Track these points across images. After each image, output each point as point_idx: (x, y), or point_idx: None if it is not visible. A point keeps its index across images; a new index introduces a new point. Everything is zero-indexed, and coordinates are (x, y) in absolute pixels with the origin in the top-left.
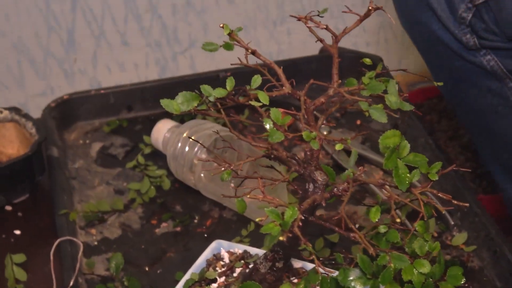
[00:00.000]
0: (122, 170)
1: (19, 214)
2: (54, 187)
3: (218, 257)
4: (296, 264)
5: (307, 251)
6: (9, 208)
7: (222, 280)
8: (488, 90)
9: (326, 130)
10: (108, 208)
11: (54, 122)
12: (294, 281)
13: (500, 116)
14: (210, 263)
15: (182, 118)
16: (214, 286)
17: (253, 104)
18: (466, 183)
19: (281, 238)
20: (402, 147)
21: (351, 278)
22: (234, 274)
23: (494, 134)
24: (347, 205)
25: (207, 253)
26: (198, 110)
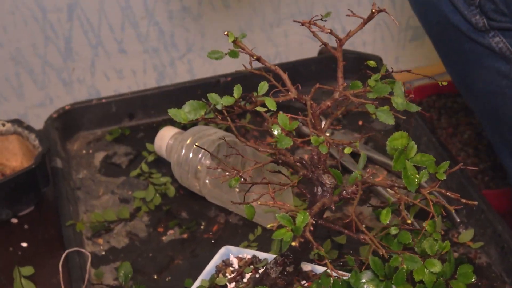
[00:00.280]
0: (126, 179)
1: (25, 226)
2: (59, 198)
3: (227, 263)
4: (305, 267)
5: (317, 254)
6: (15, 221)
7: (232, 286)
8: (497, 72)
9: (328, 132)
10: (114, 217)
11: (56, 133)
12: (305, 284)
13: (508, 98)
14: (219, 269)
15: (185, 124)
16: None
17: (259, 110)
18: (471, 181)
19: (293, 243)
20: (409, 148)
21: (363, 280)
22: (244, 280)
23: (502, 116)
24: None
25: (216, 259)
26: (205, 118)
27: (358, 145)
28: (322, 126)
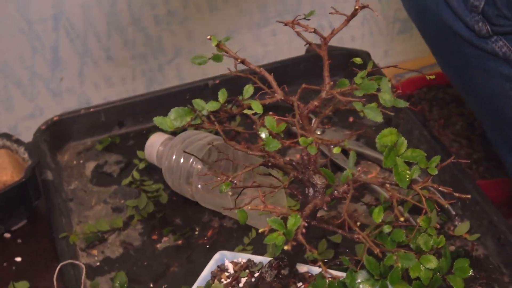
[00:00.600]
0: (118, 188)
1: (19, 241)
2: (51, 211)
3: (222, 268)
4: (301, 268)
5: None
6: (8, 235)
7: None
8: (499, 75)
9: (319, 130)
10: (107, 227)
11: (46, 145)
12: (301, 286)
13: (511, 99)
14: (215, 275)
15: (175, 130)
16: None
17: (247, 113)
18: (465, 172)
19: (286, 247)
20: (399, 144)
21: (359, 280)
22: (240, 285)
23: (504, 116)
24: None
25: (211, 265)
26: (192, 124)
27: (347, 143)
28: (312, 125)
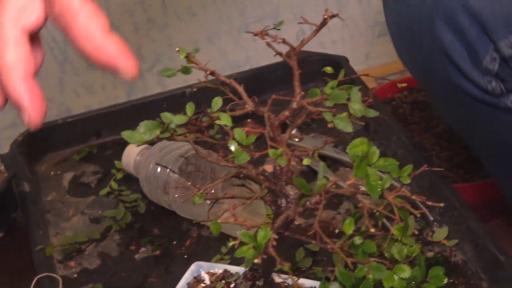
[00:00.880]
0: (96, 198)
1: None
2: (28, 223)
3: (198, 279)
4: (277, 278)
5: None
6: None
7: None
8: (510, 125)
9: (298, 137)
10: (85, 238)
11: (23, 156)
12: None
13: None
14: (191, 287)
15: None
16: None
17: (219, 123)
18: (443, 178)
19: (256, 261)
20: (371, 154)
21: None
22: None
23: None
24: (325, 211)
25: (187, 276)
26: (161, 138)
27: (316, 156)
28: (285, 136)
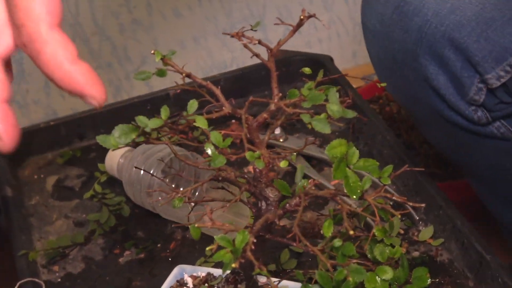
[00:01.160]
0: (80, 202)
1: None
2: (11, 228)
3: (181, 282)
4: (261, 280)
5: (274, 265)
6: None
7: None
8: (496, 151)
9: (282, 138)
10: (68, 242)
11: (5, 160)
12: None
13: (508, 170)
14: None
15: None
16: None
17: (198, 126)
18: (427, 176)
19: (233, 265)
20: (350, 155)
21: None
22: None
23: (500, 182)
24: (310, 212)
25: (170, 280)
26: (137, 142)
27: (294, 158)
28: (264, 138)
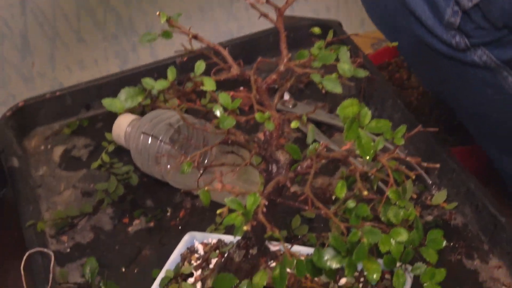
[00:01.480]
0: (87, 171)
1: None
2: (18, 199)
3: (192, 250)
4: (273, 246)
5: (285, 231)
6: None
7: (198, 273)
8: (481, 82)
9: (291, 104)
10: (77, 212)
11: (12, 132)
12: (273, 265)
13: (494, 103)
14: (184, 257)
15: (143, 109)
16: (191, 280)
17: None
18: (440, 140)
19: (245, 228)
20: (363, 115)
21: (326, 258)
22: (210, 266)
23: (491, 120)
24: (321, 177)
25: (181, 247)
26: (143, 105)
27: (305, 119)
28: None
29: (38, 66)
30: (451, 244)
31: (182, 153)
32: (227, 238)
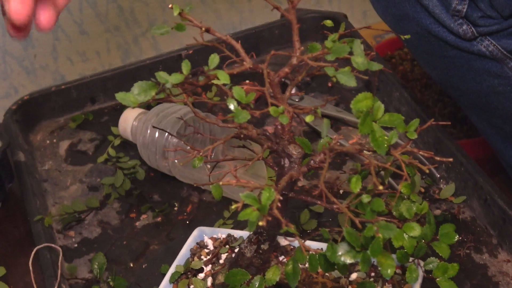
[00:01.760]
0: (93, 166)
1: None
2: (25, 193)
3: (201, 245)
4: (283, 241)
5: (294, 226)
6: None
7: (208, 268)
8: (487, 73)
9: (297, 97)
10: (84, 207)
11: (17, 126)
12: (283, 260)
13: (500, 94)
14: (194, 252)
15: (149, 103)
16: (201, 276)
17: (215, 83)
18: (447, 133)
19: (260, 223)
20: (376, 109)
21: (340, 253)
22: (221, 261)
23: (495, 111)
24: (329, 171)
25: (190, 242)
26: (157, 99)
27: (319, 111)
28: (285, 93)
29: (40, 58)
30: (460, 238)
31: (189, 147)
32: (237, 233)
